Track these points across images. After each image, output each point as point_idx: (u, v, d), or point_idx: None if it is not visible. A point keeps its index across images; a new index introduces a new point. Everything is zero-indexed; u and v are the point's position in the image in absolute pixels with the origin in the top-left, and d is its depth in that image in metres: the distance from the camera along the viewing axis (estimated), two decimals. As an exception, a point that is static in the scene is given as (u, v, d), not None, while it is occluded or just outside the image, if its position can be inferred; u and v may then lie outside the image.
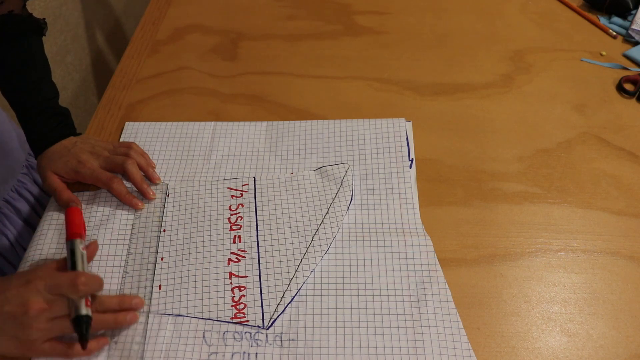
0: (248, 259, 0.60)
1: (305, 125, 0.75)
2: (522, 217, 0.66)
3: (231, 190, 0.67)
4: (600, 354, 0.54)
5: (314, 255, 0.60)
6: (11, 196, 0.78)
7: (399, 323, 0.55)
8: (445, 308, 0.56)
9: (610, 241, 0.63)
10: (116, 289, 0.58)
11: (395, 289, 0.58)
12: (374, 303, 0.57)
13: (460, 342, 0.54)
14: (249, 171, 0.70)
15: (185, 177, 0.69)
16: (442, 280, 0.58)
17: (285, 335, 0.54)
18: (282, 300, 0.57)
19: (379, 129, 0.73)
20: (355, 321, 0.55)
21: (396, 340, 0.54)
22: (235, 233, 0.63)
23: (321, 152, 0.72)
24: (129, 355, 0.53)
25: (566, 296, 0.59)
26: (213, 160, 0.71)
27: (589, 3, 0.98)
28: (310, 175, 0.68)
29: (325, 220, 0.63)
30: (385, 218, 0.64)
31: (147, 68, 0.86)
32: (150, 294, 0.58)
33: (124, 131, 0.75)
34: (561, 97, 0.81)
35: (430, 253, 0.61)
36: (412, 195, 0.66)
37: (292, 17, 0.96)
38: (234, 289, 0.58)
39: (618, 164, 0.72)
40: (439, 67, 0.86)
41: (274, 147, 0.73)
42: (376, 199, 0.66)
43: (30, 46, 0.68)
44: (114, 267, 0.60)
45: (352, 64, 0.87)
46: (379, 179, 0.68)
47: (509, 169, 0.71)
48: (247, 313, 0.56)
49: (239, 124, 0.75)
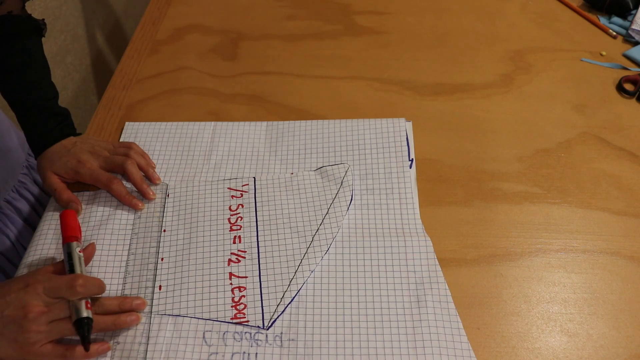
0: (248, 260, 0.60)
1: (305, 125, 0.75)
2: (522, 217, 0.66)
3: (231, 191, 0.67)
4: (600, 354, 0.54)
5: (314, 255, 0.60)
6: (12, 196, 0.78)
7: (399, 323, 0.55)
8: (445, 308, 0.56)
9: (610, 241, 0.63)
10: (117, 289, 0.58)
11: (395, 289, 0.58)
12: (374, 303, 0.57)
13: (460, 342, 0.54)
14: (249, 171, 0.70)
15: (186, 177, 0.69)
16: (442, 281, 0.58)
17: (285, 335, 0.54)
18: (282, 301, 0.57)
19: (379, 129, 0.73)
20: (355, 321, 0.55)
21: (396, 341, 0.54)
22: (235, 233, 0.63)
23: (321, 152, 0.72)
24: (129, 356, 0.53)
25: (566, 296, 0.59)
26: (213, 160, 0.71)
27: (589, 3, 0.98)
28: (310, 175, 0.68)
29: (325, 220, 0.63)
30: (385, 218, 0.64)
31: (147, 68, 0.86)
32: (151, 294, 0.58)
33: (124, 131, 0.75)
34: (561, 97, 0.81)
35: (430, 254, 0.61)
36: (412, 195, 0.66)
37: (292, 17, 0.96)
38: (234, 289, 0.58)
39: (618, 164, 0.72)
40: (439, 67, 0.86)
41: (274, 147, 0.73)
42: (376, 199, 0.66)
43: (29, 47, 0.68)
44: (115, 268, 0.60)
45: (352, 64, 0.87)
46: (379, 179, 0.68)
47: (509, 169, 0.71)
48: (247, 313, 0.56)
49: (238, 124, 0.75)
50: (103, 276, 0.59)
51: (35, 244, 0.62)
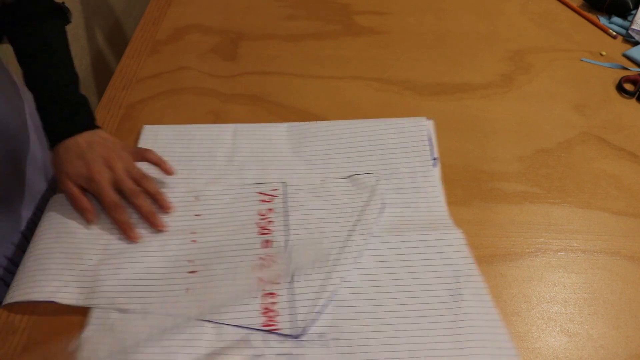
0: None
1: (327, 126, 0.75)
2: (522, 217, 0.66)
3: (260, 195, 0.66)
4: (600, 354, 0.54)
5: (345, 262, 0.59)
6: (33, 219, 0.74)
7: (438, 317, 0.55)
8: (482, 300, 0.56)
9: (610, 241, 0.63)
10: (143, 290, 0.57)
11: (432, 283, 0.58)
12: (412, 299, 0.57)
13: (500, 333, 0.54)
14: (274, 173, 0.69)
15: (210, 179, 0.69)
16: (477, 273, 0.59)
17: (328, 334, 0.54)
18: (314, 308, 0.56)
19: (402, 129, 0.73)
20: (395, 317, 0.55)
21: (438, 335, 0.54)
22: (264, 237, 0.62)
23: (345, 154, 0.71)
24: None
25: (566, 296, 0.59)
26: (237, 163, 0.71)
27: (589, 3, 0.98)
28: (340, 182, 0.68)
29: (356, 228, 0.62)
30: (415, 217, 0.64)
31: (147, 68, 0.86)
32: (179, 297, 0.57)
33: (143, 134, 0.74)
34: (561, 97, 0.81)
35: (463, 246, 0.61)
36: (439, 193, 0.67)
37: (292, 17, 0.96)
38: (264, 295, 0.57)
39: (618, 164, 0.72)
40: (439, 67, 0.86)
41: (297, 148, 0.72)
42: (403, 198, 0.66)
43: (45, 29, 0.65)
44: (142, 269, 0.59)
45: (352, 64, 0.87)
46: (405, 178, 0.68)
47: (509, 169, 0.71)
48: (279, 320, 0.55)
49: (259, 126, 0.75)
50: (130, 277, 0.58)
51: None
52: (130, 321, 0.55)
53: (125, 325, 0.54)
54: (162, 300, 0.57)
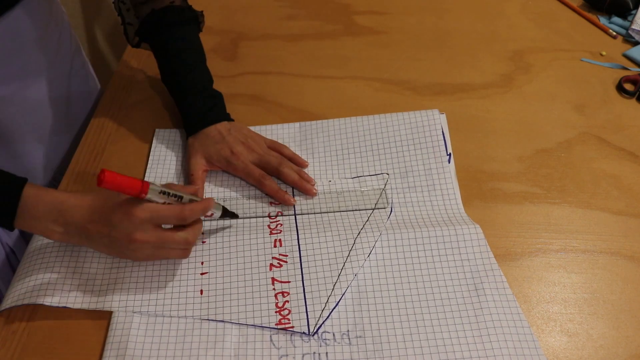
0: (290, 264, 0.59)
1: (338, 124, 0.75)
2: (522, 217, 0.66)
3: (270, 198, 0.67)
4: (600, 354, 0.54)
5: (356, 259, 0.59)
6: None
7: (461, 313, 0.55)
8: (504, 295, 0.57)
9: (610, 241, 0.63)
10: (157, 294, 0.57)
11: (452, 278, 0.58)
12: (434, 295, 0.57)
13: (522, 327, 0.54)
14: None
15: (224, 181, 0.69)
16: (497, 267, 0.59)
17: (352, 332, 0.54)
18: (327, 306, 0.56)
19: (414, 122, 0.73)
20: (418, 313, 0.56)
21: (461, 330, 0.54)
22: (275, 237, 0.62)
23: (359, 151, 0.72)
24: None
25: (566, 296, 0.59)
26: None
27: (589, 3, 0.98)
28: (348, 182, 0.68)
29: (366, 226, 0.62)
30: (431, 214, 0.64)
31: (147, 68, 0.86)
32: (192, 299, 0.57)
33: (155, 137, 0.74)
34: (561, 97, 0.81)
35: (482, 240, 0.61)
36: (454, 191, 0.67)
37: (292, 17, 0.96)
38: (277, 294, 0.57)
39: (618, 164, 0.72)
40: (439, 67, 0.86)
41: (310, 147, 0.73)
42: (419, 197, 0.66)
43: (187, 34, 0.73)
44: (154, 271, 0.59)
45: (352, 64, 0.87)
46: (419, 176, 0.68)
47: (509, 169, 0.71)
48: (292, 319, 0.55)
49: (271, 127, 0.76)
50: (143, 280, 0.58)
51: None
52: (151, 324, 0.55)
53: (146, 329, 0.54)
54: (178, 302, 0.57)
